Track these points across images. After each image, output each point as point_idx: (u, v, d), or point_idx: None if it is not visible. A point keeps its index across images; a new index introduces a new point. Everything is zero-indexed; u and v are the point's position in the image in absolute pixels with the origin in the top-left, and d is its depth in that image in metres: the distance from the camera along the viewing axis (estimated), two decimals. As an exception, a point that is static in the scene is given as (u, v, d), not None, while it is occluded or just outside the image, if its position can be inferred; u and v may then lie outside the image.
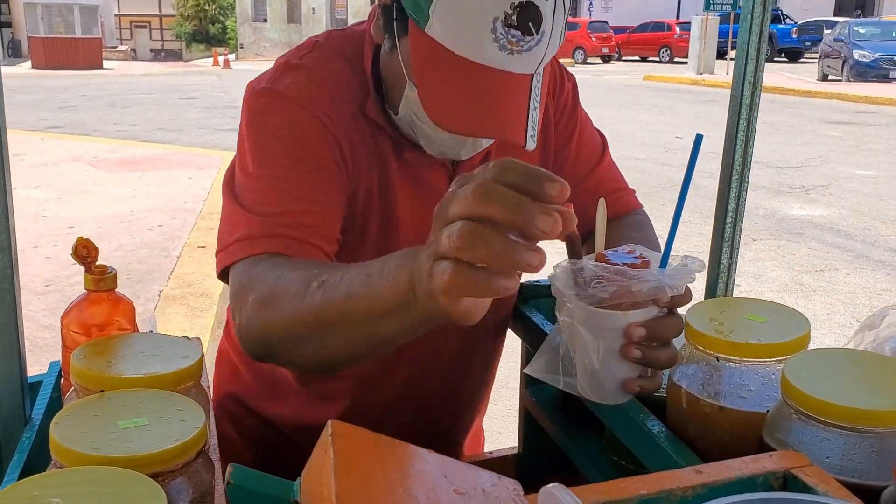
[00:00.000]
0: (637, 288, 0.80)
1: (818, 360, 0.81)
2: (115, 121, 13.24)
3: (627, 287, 0.80)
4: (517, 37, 0.87)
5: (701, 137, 0.81)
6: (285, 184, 0.99)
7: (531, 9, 0.86)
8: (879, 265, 5.54)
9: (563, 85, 1.20)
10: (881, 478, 0.72)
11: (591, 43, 29.69)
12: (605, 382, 0.85)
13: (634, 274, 0.80)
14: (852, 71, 18.87)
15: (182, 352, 0.90)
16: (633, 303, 0.82)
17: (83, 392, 0.84)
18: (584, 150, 1.21)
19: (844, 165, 9.02)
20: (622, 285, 0.80)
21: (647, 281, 0.80)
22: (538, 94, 0.92)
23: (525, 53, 0.88)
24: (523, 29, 0.86)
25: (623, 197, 1.24)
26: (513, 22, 0.86)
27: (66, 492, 0.63)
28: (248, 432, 1.28)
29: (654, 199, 6.49)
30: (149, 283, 4.89)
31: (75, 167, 8.74)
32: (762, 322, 0.89)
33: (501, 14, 0.85)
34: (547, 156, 1.19)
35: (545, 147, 1.18)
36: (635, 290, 0.80)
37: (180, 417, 0.77)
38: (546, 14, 0.87)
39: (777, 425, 0.79)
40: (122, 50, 35.34)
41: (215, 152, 9.79)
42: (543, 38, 0.88)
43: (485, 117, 0.90)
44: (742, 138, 1.14)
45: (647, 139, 10.59)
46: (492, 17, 0.86)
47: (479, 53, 0.87)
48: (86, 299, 0.97)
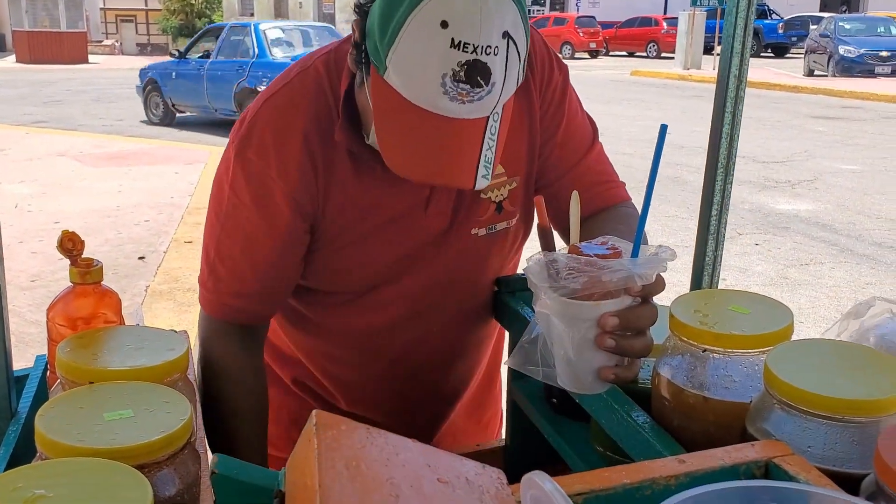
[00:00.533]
0: (607, 278, 0.80)
1: (801, 350, 0.82)
2: (100, 115, 13.16)
3: (598, 277, 0.80)
4: (466, 89, 0.90)
5: (665, 127, 0.85)
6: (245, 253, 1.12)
7: (478, 65, 0.89)
8: (864, 259, 5.59)
9: (553, 76, 1.19)
10: (862, 466, 0.72)
11: (578, 38, 29.72)
12: (581, 372, 0.86)
13: (604, 264, 0.81)
14: (838, 66, 18.99)
15: (168, 344, 0.90)
16: (605, 293, 0.82)
17: (69, 385, 0.84)
18: (572, 141, 1.22)
19: (829, 160, 9.09)
20: (593, 276, 0.80)
21: (617, 271, 0.80)
22: (494, 132, 0.96)
23: (478, 102, 0.92)
24: (472, 83, 0.90)
25: (611, 188, 1.24)
26: (461, 78, 0.89)
27: (50, 483, 0.63)
28: None
29: (641, 193, 6.44)
30: (135, 279, 4.87)
31: (61, 162, 8.69)
32: (746, 313, 0.90)
33: (450, 71, 0.89)
34: (533, 148, 1.19)
35: (531, 140, 1.19)
36: (605, 280, 0.80)
37: (166, 409, 0.77)
38: (495, 67, 0.90)
39: (760, 415, 0.80)
40: (107, 44, 35.05)
41: (202, 147, 9.75)
42: (495, 87, 0.92)
43: (436, 166, 0.95)
44: (727, 131, 1.15)
45: (634, 134, 10.62)
46: (440, 74, 0.89)
47: (433, 104, 0.91)
48: (71, 292, 0.97)
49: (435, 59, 0.89)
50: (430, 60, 0.89)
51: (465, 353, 1.33)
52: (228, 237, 1.13)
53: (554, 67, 1.20)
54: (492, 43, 0.89)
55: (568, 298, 0.82)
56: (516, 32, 0.91)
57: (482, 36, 0.88)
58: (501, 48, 0.90)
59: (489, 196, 1.16)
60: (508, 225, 1.21)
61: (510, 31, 0.90)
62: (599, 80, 19.49)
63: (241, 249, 1.13)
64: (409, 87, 0.92)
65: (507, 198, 1.18)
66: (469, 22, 0.87)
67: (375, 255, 1.15)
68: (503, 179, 1.17)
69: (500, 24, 0.89)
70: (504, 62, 0.91)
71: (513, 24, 0.90)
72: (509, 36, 0.90)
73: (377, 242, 1.14)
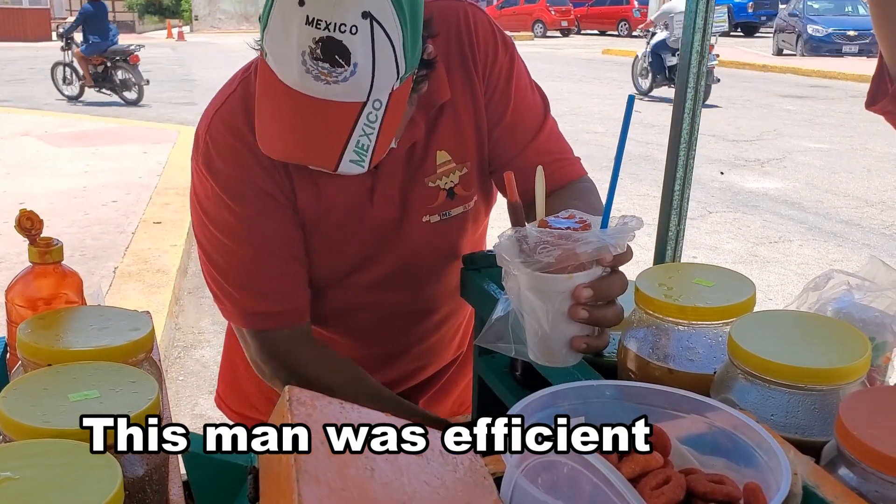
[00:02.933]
0: (581, 249, 0.81)
1: (763, 321, 0.84)
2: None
3: (572, 249, 0.81)
4: (326, 69, 0.91)
5: (633, 98, 0.87)
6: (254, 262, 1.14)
7: (332, 42, 0.90)
8: (831, 236, 5.67)
9: (497, 59, 1.18)
10: (823, 433, 0.74)
11: (550, 16, 29.64)
12: (555, 345, 0.87)
13: (578, 237, 0.82)
14: (806, 45, 19.14)
15: (132, 324, 0.89)
16: (577, 265, 0.83)
17: (31, 366, 0.83)
18: (522, 122, 1.21)
19: (798, 139, 9.19)
20: (567, 248, 0.81)
21: (589, 242, 0.81)
22: (375, 119, 0.95)
23: (343, 83, 0.92)
24: (331, 61, 0.91)
25: (566, 166, 1.23)
26: (318, 55, 0.91)
27: (17, 465, 0.62)
28: None
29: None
30: (103, 260, 4.80)
31: (25, 142, 8.51)
32: (709, 286, 0.91)
33: (307, 48, 0.91)
34: (481, 133, 1.19)
35: (478, 126, 1.19)
36: (580, 252, 0.81)
37: (133, 389, 0.76)
38: (355, 47, 0.90)
39: (724, 385, 0.81)
40: (71, 21, 34.34)
41: (170, 126, 9.61)
42: (360, 69, 0.92)
43: (296, 143, 0.97)
44: (689, 107, 1.16)
45: (605, 112, 10.64)
46: (300, 51, 0.91)
47: (298, 82, 0.93)
48: (31, 272, 0.95)
49: (294, 36, 0.91)
50: (290, 39, 0.92)
51: (438, 333, 1.35)
52: (229, 252, 1.14)
53: (498, 49, 1.18)
54: (347, 21, 0.89)
55: (541, 273, 0.83)
56: (382, 15, 0.91)
57: (336, 13, 0.89)
58: (361, 28, 0.90)
59: (437, 184, 1.18)
60: (466, 209, 1.22)
61: (373, 13, 0.90)
62: (571, 58, 19.48)
63: (246, 258, 1.14)
64: (278, 66, 0.94)
65: (458, 184, 1.20)
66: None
67: (341, 247, 1.19)
68: (451, 167, 1.18)
69: (359, 3, 0.90)
70: (369, 44, 0.91)
71: (378, 6, 0.90)
72: (371, 16, 0.90)
73: (340, 234, 1.17)
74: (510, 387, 1.15)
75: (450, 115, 1.16)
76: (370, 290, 1.24)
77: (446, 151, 1.17)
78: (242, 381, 1.41)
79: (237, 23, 35.10)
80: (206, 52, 21.54)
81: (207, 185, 1.11)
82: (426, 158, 1.16)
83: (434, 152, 1.16)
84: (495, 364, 1.20)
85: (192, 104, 11.32)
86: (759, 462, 0.66)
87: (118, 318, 0.91)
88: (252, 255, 1.13)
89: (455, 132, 1.16)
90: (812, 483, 0.65)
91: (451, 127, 1.16)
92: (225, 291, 1.16)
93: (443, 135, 1.16)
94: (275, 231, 1.13)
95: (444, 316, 1.35)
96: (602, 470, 0.57)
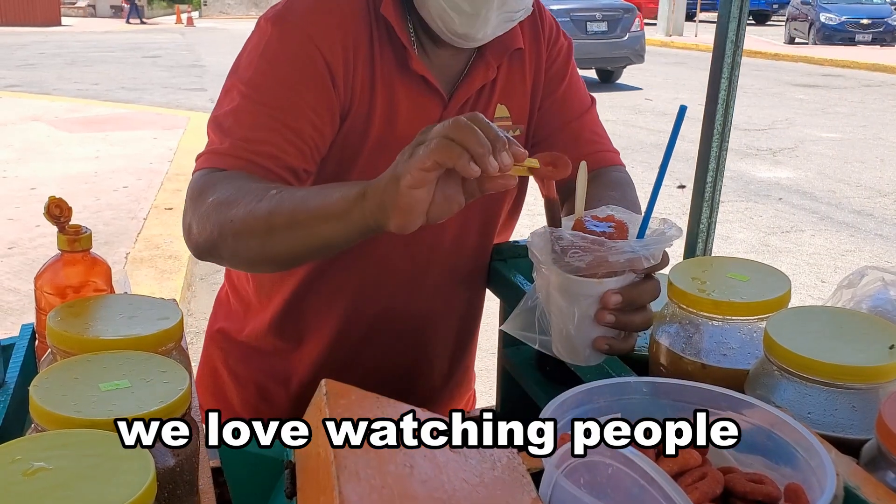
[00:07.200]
0: (613, 259, 0.79)
1: (801, 317, 0.83)
2: (75, 79, 12.90)
3: (604, 257, 0.79)
4: None
5: (685, 108, 0.81)
6: (268, 115, 1.04)
7: None
8: (843, 226, 5.64)
9: (559, 39, 1.25)
10: (862, 432, 0.73)
11: (560, 3, 29.47)
12: (580, 345, 0.86)
13: (611, 245, 0.79)
14: (819, 34, 18.97)
15: (161, 313, 0.89)
16: (609, 270, 0.81)
17: (61, 355, 0.82)
18: (572, 98, 1.25)
19: (810, 128, 9.13)
20: (598, 255, 0.79)
21: (623, 252, 0.79)
22: None
23: None
24: None
25: (606, 152, 1.25)
26: None
27: (50, 455, 0.61)
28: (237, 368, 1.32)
29: (625, 160, 6.48)
30: (115, 246, 4.81)
31: (35, 127, 8.52)
32: (744, 281, 0.90)
33: None
34: (535, 100, 1.22)
35: (534, 92, 1.21)
36: (612, 261, 0.79)
37: (164, 379, 0.75)
38: None
39: (759, 382, 0.80)
40: (81, 6, 34.30)
41: (181, 112, 9.59)
42: None
43: None
44: (724, 97, 1.14)
45: (616, 101, 10.59)
46: None
47: None
48: (59, 260, 0.95)
49: None
50: None
51: (450, 317, 1.31)
52: (254, 102, 1.05)
53: (560, 35, 1.25)
54: None
55: (571, 275, 0.81)
56: None
57: None
58: None
59: None
60: None
61: None
62: (581, 46, 19.36)
63: (270, 106, 1.04)
64: None
65: None
66: None
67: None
68: (507, 124, 1.19)
69: None
70: None
71: None
72: None
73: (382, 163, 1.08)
74: (536, 379, 1.15)
75: (517, 67, 1.19)
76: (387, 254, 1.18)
77: (506, 107, 1.19)
78: (225, 388, 1.36)
79: (246, 8, 35.00)
80: (215, 38, 21.51)
81: (272, 32, 1.06)
82: (489, 108, 1.17)
83: (495, 104, 1.18)
84: (521, 355, 1.20)
85: (202, 90, 11.29)
86: (799, 461, 0.65)
87: (147, 306, 0.90)
88: (269, 107, 1.05)
89: (517, 88, 1.18)
90: (853, 484, 0.64)
91: (516, 81, 1.19)
92: (219, 137, 1.06)
93: (506, 88, 1.18)
94: (318, 86, 1.06)
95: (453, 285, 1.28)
96: (645, 468, 0.56)
